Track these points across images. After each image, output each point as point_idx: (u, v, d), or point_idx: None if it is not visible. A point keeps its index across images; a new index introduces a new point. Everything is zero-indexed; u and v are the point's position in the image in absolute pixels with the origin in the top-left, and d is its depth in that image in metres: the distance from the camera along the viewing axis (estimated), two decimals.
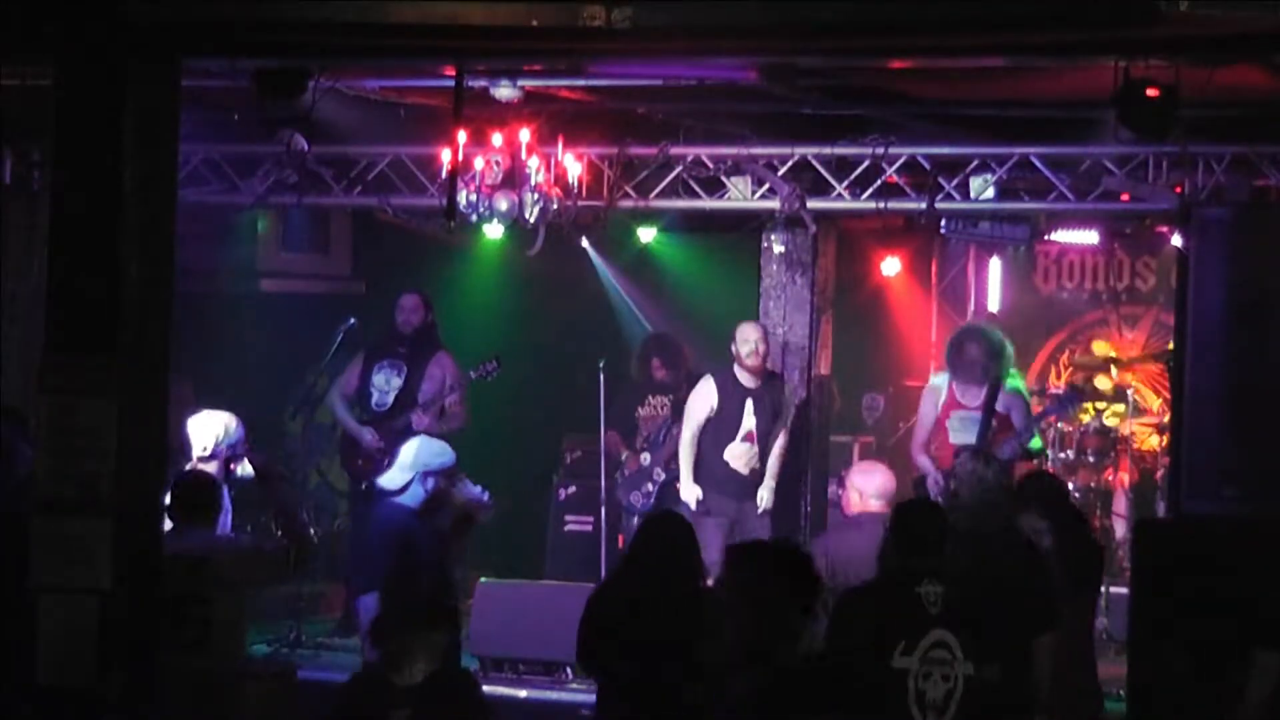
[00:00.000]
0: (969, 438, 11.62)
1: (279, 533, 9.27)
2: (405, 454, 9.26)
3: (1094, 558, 9.34)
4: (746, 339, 12.02)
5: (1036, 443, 12.23)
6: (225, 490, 9.91)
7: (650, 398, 13.01)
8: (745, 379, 12.06)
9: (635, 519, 12.63)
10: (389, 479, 9.21)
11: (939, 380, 12.21)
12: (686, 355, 13.26)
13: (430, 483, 9.03)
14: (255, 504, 10.32)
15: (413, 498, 9.00)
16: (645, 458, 12.84)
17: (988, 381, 11.85)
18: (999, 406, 11.82)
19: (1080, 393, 12.86)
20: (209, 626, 8.29)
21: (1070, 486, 12.27)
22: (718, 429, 12.05)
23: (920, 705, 7.08)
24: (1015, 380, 12.22)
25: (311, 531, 9.46)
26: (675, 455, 12.36)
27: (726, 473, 12.02)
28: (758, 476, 12.08)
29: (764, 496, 12.05)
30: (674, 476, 12.35)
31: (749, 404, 12.03)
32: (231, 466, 9.46)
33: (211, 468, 9.61)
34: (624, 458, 13.16)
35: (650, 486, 12.68)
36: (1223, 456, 10.67)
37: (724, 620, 7.78)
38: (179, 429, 9.67)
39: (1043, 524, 9.09)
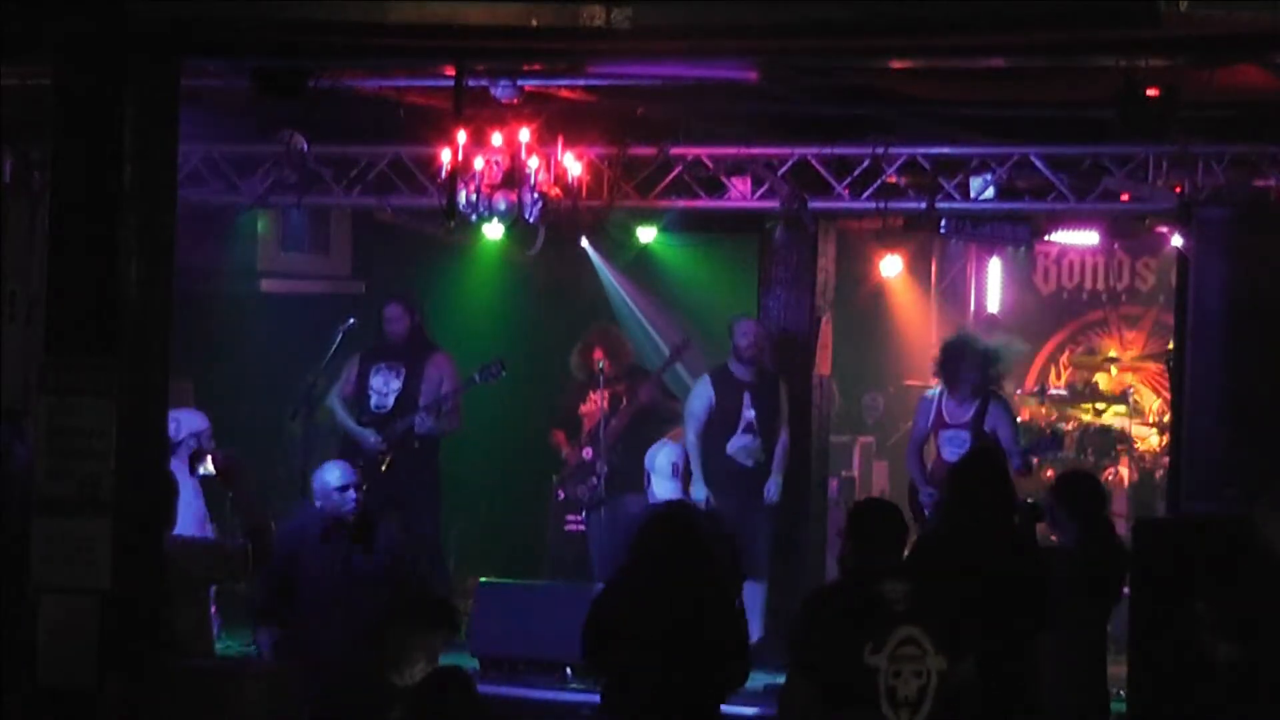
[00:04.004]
0: (958, 455, 11.61)
1: (240, 531, 9.31)
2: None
3: (1115, 566, 9.15)
4: (745, 331, 12.22)
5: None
6: (195, 485, 9.92)
7: (591, 393, 13.05)
8: (741, 373, 12.20)
9: (583, 513, 12.79)
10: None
11: (932, 393, 12.17)
12: (629, 348, 13.33)
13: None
14: (219, 502, 10.31)
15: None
16: (587, 453, 12.93)
17: (978, 398, 11.78)
18: (985, 426, 11.75)
19: (1059, 439, 12.72)
20: (173, 626, 8.28)
21: None
22: (719, 424, 12.16)
23: (892, 702, 7.05)
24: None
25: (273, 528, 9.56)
26: (615, 447, 12.65)
27: (730, 470, 12.06)
28: (762, 470, 12.13)
29: (771, 489, 12.13)
30: (615, 469, 12.56)
31: (746, 396, 12.17)
32: (196, 465, 9.47)
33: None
34: (563, 454, 13.23)
35: (595, 480, 12.77)
36: (1223, 456, 10.69)
37: (731, 610, 7.82)
38: None
39: (1070, 524, 9.06)
